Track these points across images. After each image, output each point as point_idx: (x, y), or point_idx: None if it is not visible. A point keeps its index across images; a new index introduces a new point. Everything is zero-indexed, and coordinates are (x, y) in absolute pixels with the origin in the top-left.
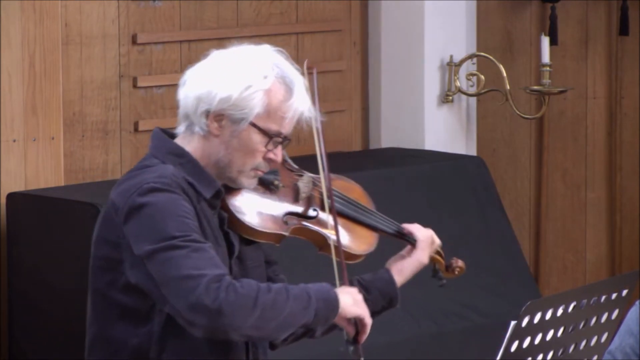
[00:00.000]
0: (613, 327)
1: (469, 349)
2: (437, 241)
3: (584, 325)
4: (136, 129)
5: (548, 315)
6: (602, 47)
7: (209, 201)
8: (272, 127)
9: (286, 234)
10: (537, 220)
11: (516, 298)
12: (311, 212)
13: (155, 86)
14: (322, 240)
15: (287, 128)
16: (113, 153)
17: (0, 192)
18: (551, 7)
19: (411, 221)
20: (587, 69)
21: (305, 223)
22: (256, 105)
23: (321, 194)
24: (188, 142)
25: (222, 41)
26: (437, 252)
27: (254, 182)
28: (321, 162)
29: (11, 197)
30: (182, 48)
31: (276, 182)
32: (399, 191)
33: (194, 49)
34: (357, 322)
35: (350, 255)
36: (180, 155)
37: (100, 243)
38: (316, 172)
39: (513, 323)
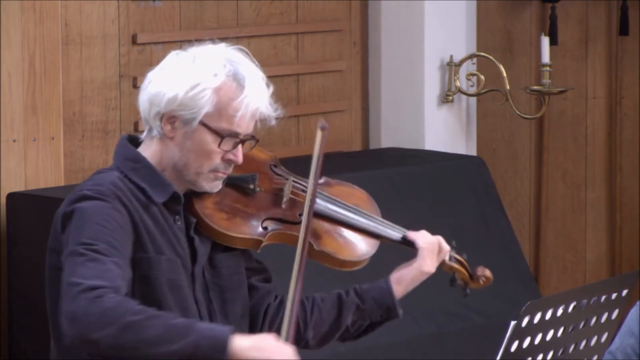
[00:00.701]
0: (613, 327)
1: (469, 349)
2: (445, 248)
3: (584, 325)
4: (136, 129)
5: (548, 315)
6: (602, 47)
7: (167, 206)
8: (224, 125)
9: (262, 239)
10: (537, 220)
11: (516, 298)
12: (294, 217)
13: None
14: (309, 247)
15: (242, 127)
16: (113, 153)
17: (0, 192)
18: (551, 7)
19: (411, 221)
20: (587, 69)
21: (285, 228)
22: (205, 104)
23: (305, 198)
24: (147, 146)
25: (222, 41)
26: (458, 261)
27: (217, 184)
28: (315, 167)
29: (11, 197)
30: (182, 48)
31: (252, 186)
32: (399, 191)
33: None
34: None
35: (342, 262)
36: (136, 161)
37: (50, 251)
38: (308, 177)
39: (513, 323)
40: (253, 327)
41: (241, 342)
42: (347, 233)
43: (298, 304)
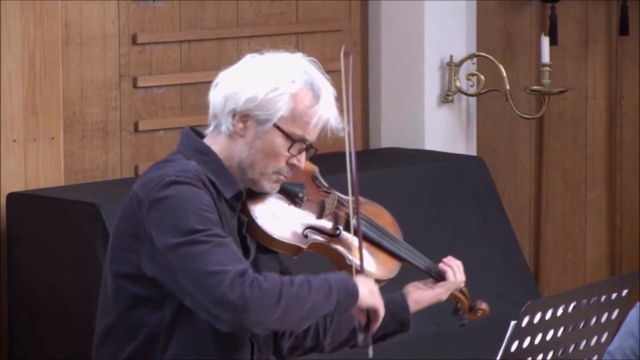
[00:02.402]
0: (613, 327)
1: (469, 349)
2: (462, 285)
3: (584, 325)
4: (136, 129)
5: (548, 315)
6: (602, 47)
7: (229, 202)
8: (296, 131)
9: (304, 246)
10: (537, 220)
11: (516, 298)
12: (334, 231)
13: (155, 86)
14: (341, 260)
15: (312, 134)
16: (113, 153)
17: (0, 192)
18: (551, 7)
19: (411, 221)
20: (587, 69)
21: (325, 240)
22: (281, 107)
23: (347, 214)
24: (214, 141)
25: (222, 41)
26: (462, 292)
27: (276, 186)
28: (351, 181)
29: (11, 197)
30: (182, 48)
31: (301, 195)
32: (399, 191)
33: (194, 49)
34: (370, 312)
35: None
36: (205, 153)
37: (119, 234)
38: (345, 192)
39: (513, 323)
40: (275, 335)
41: (362, 289)
42: (377, 252)
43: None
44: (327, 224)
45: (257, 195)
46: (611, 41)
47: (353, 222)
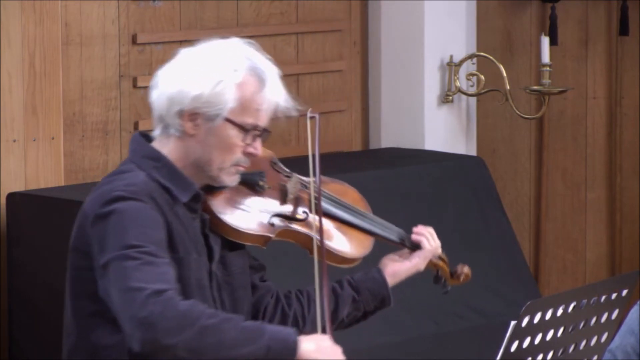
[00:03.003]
0: (613, 327)
1: (469, 349)
2: (439, 251)
3: (584, 325)
4: (136, 129)
5: (548, 315)
6: (602, 47)
7: (188, 205)
8: (248, 120)
9: (272, 235)
10: (537, 220)
11: (516, 298)
12: (300, 214)
13: None
14: (311, 243)
15: (263, 120)
16: (113, 153)
17: (0, 192)
18: (551, 7)
19: (411, 221)
20: (587, 69)
21: (293, 225)
22: (229, 99)
23: (310, 195)
24: (164, 144)
25: None
26: (440, 258)
27: (235, 178)
28: (312, 163)
29: (11, 197)
30: (182, 48)
31: (261, 183)
32: (399, 191)
33: None
34: None
35: (344, 259)
36: (156, 159)
37: (73, 252)
38: (308, 174)
39: (513, 323)
40: None
41: (307, 345)
42: (347, 231)
43: (327, 298)
44: (292, 208)
45: (217, 189)
46: (611, 41)
47: (316, 201)
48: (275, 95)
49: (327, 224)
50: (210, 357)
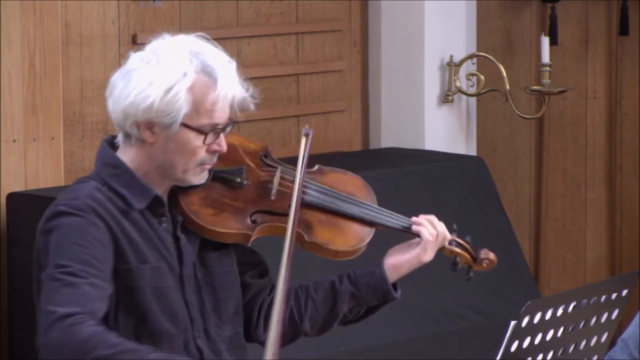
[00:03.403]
0: (613, 327)
1: (469, 349)
2: (447, 237)
3: (584, 325)
4: None
5: (548, 315)
6: (602, 47)
7: (151, 210)
8: (204, 121)
9: (251, 232)
10: (537, 220)
11: (516, 298)
12: (285, 209)
13: None
14: (300, 237)
15: (221, 117)
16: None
17: (0, 192)
18: (551, 7)
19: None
20: (587, 69)
21: (276, 221)
22: (182, 106)
23: (294, 189)
24: (127, 152)
25: (222, 41)
26: (460, 245)
27: (203, 176)
28: (300, 172)
29: (11, 197)
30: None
31: (239, 180)
32: (399, 191)
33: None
34: None
35: (337, 252)
36: (115, 166)
37: (34, 263)
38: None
39: (513, 323)
40: (248, 324)
41: None
42: (341, 222)
43: (285, 302)
44: (275, 203)
45: (192, 189)
46: (611, 41)
47: (298, 194)
48: (229, 90)
49: (316, 216)
50: None
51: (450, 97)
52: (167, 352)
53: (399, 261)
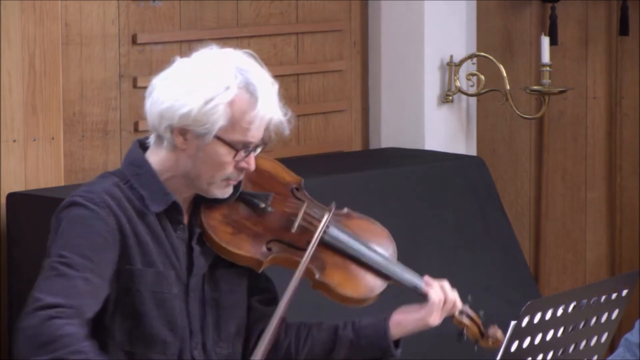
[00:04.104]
0: (613, 327)
1: (469, 349)
2: (458, 306)
3: (584, 325)
4: (136, 129)
5: (548, 315)
6: (602, 47)
7: (168, 215)
8: (238, 138)
9: (263, 260)
10: (537, 220)
11: (516, 298)
12: (303, 244)
13: None
14: (311, 275)
15: (255, 136)
16: (113, 153)
17: (0, 192)
18: (551, 7)
19: (411, 221)
20: (587, 69)
21: (291, 254)
22: (219, 119)
23: (318, 227)
24: (156, 153)
25: (222, 41)
26: (470, 318)
27: (227, 191)
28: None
29: (11, 197)
30: (182, 48)
31: (263, 205)
32: (399, 191)
33: (194, 49)
34: None
35: (344, 298)
36: (139, 166)
37: (47, 252)
38: (330, 202)
39: (513, 323)
40: (247, 347)
41: None
42: (355, 269)
43: (276, 332)
44: (295, 236)
45: (216, 204)
46: (611, 41)
47: (318, 234)
48: (267, 112)
49: (333, 258)
50: None
51: (450, 97)
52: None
53: (405, 319)
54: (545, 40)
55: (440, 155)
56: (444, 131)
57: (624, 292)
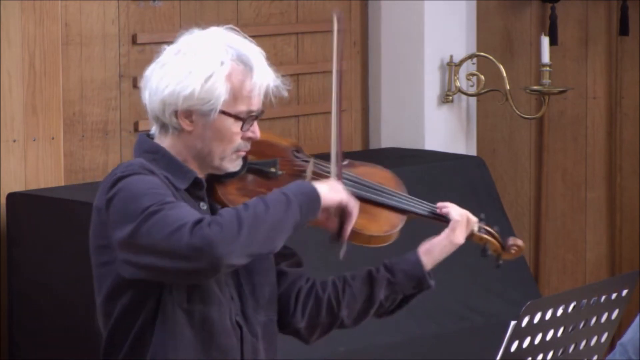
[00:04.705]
0: (613, 327)
1: (469, 349)
2: (473, 219)
3: (584, 325)
4: (136, 129)
5: (548, 315)
6: (602, 47)
7: (190, 192)
8: (242, 108)
9: None
10: (537, 220)
11: (516, 298)
12: None
13: None
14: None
15: (256, 104)
16: (113, 153)
17: (0, 192)
18: (551, 7)
19: (410, 221)
20: (587, 69)
21: None
22: (220, 93)
23: (330, 173)
24: (163, 141)
25: None
26: (488, 232)
27: (238, 163)
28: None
29: (11, 197)
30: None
31: (273, 170)
32: None
33: None
34: (342, 211)
35: (370, 237)
36: (154, 152)
37: (95, 251)
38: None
39: (513, 323)
40: (284, 313)
41: (321, 188)
42: (374, 210)
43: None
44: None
45: (228, 180)
46: (611, 41)
47: (333, 170)
48: (263, 78)
49: None
50: (266, 240)
51: (450, 97)
52: (217, 318)
53: (431, 244)
54: (545, 40)
55: (440, 155)
56: (444, 131)
57: (624, 292)
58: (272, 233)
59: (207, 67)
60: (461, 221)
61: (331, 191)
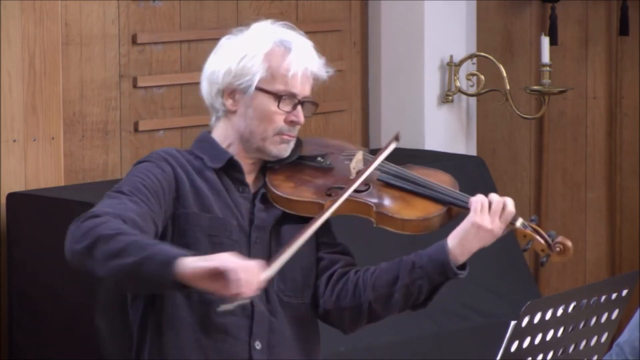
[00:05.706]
0: (613, 327)
1: (469, 349)
2: (509, 208)
3: (584, 325)
4: (136, 129)
5: (548, 315)
6: (602, 47)
7: (229, 175)
8: (279, 87)
9: (323, 202)
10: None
11: (516, 298)
12: (361, 187)
13: (155, 86)
14: (369, 210)
15: (297, 87)
16: (113, 153)
17: (0, 192)
18: (551, 7)
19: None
20: (587, 69)
21: (352, 195)
22: (257, 70)
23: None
24: (216, 128)
25: None
26: (532, 228)
27: (283, 147)
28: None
29: (11, 197)
30: (182, 48)
31: (319, 159)
32: None
33: (194, 49)
34: (221, 274)
35: (403, 222)
36: (202, 140)
37: None
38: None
39: (513, 323)
40: (315, 294)
41: (187, 259)
42: (411, 199)
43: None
44: (353, 181)
45: (282, 169)
46: (611, 41)
47: (372, 170)
48: (302, 60)
49: (390, 192)
50: (100, 268)
51: (450, 97)
52: (216, 298)
53: (457, 229)
54: (545, 40)
55: (440, 155)
56: (444, 131)
57: (624, 292)
58: (107, 262)
59: (247, 47)
60: (478, 201)
61: (198, 261)
